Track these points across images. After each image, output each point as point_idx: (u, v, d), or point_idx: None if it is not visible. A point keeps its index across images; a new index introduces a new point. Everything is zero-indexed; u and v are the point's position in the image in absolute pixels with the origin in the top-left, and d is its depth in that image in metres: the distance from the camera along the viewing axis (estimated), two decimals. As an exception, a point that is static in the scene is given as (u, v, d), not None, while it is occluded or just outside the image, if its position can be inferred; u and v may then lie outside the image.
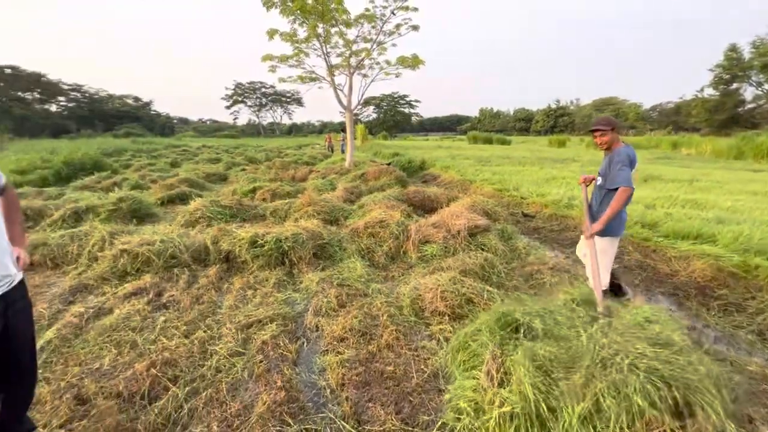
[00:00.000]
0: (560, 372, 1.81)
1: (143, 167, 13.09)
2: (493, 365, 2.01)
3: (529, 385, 1.78)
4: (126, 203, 6.18)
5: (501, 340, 2.19)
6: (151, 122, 62.60)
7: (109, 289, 3.60)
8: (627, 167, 2.74)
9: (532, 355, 1.92)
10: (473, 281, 3.33)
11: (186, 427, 2.00)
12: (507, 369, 1.96)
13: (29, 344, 1.56)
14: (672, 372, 1.66)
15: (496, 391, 1.87)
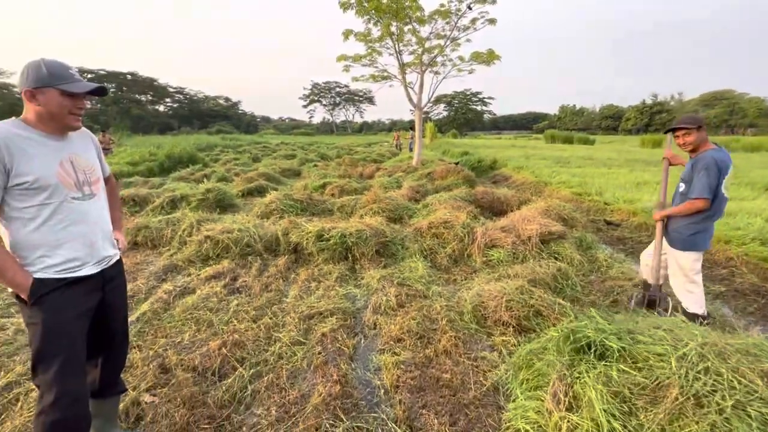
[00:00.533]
0: (640, 401, 1.57)
1: (229, 161, 14.41)
2: (561, 387, 1.82)
3: (602, 412, 1.57)
4: (212, 194, 6.84)
5: (570, 359, 1.97)
6: (238, 120, 68.90)
7: (194, 270, 3.99)
8: (710, 175, 2.47)
9: (606, 378, 1.69)
10: (543, 292, 3.07)
11: (248, 407, 2.12)
12: (576, 393, 1.76)
13: (123, 316, 1.76)
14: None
15: (563, 416, 1.68)
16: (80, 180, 1.49)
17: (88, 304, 1.52)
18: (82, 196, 1.49)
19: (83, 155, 1.54)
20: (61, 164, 1.43)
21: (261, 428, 1.95)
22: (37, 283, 1.39)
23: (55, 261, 1.42)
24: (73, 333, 1.45)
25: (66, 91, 1.39)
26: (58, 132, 1.46)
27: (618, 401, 1.58)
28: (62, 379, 1.39)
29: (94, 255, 1.53)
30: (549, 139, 32.58)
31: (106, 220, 1.62)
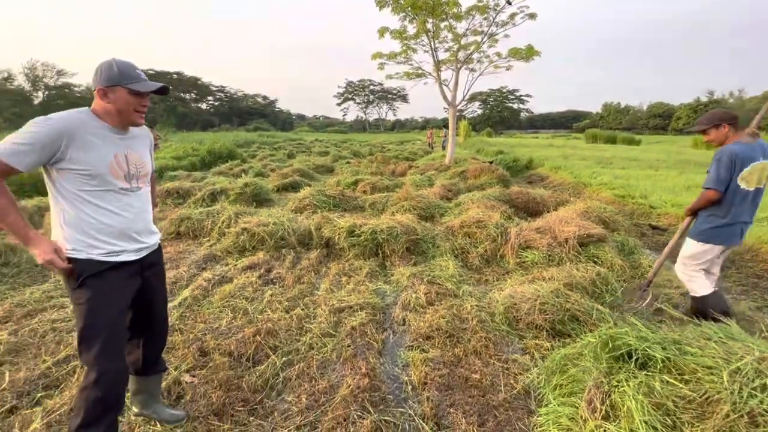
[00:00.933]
0: (686, 415, 1.48)
1: (265, 157, 14.89)
2: (597, 394, 1.74)
3: (642, 423, 1.49)
4: (249, 188, 7.09)
5: (608, 367, 1.88)
6: (275, 118, 70.97)
7: (231, 261, 4.17)
8: (720, 166, 2.54)
9: (648, 389, 1.60)
10: (580, 297, 2.95)
11: (280, 393, 2.20)
12: (614, 402, 1.68)
13: (162, 300, 1.86)
14: None
15: (599, 424, 1.61)
16: (131, 173, 1.59)
17: (128, 288, 1.62)
18: (129, 188, 1.59)
19: (138, 151, 1.65)
20: (116, 156, 1.53)
21: (291, 414, 2.01)
22: (83, 265, 1.49)
23: (99, 245, 1.51)
24: (114, 315, 1.56)
25: (133, 90, 1.49)
26: (122, 127, 1.57)
27: (660, 413, 1.50)
28: (103, 359, 1.50)
29: (135, 243, 1.62)
30: (590, 139, 31.15)
31: (148, 211, 1.72)
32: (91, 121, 1.49)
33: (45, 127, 1.37)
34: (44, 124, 1.37)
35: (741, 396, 1.43)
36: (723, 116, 2.61)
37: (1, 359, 2.38)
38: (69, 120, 1.42)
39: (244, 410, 2.03)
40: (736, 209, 2.58)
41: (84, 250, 1.50)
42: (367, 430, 1.88)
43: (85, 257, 1.49)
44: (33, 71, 45.13)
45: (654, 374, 1.65)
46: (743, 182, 2.52)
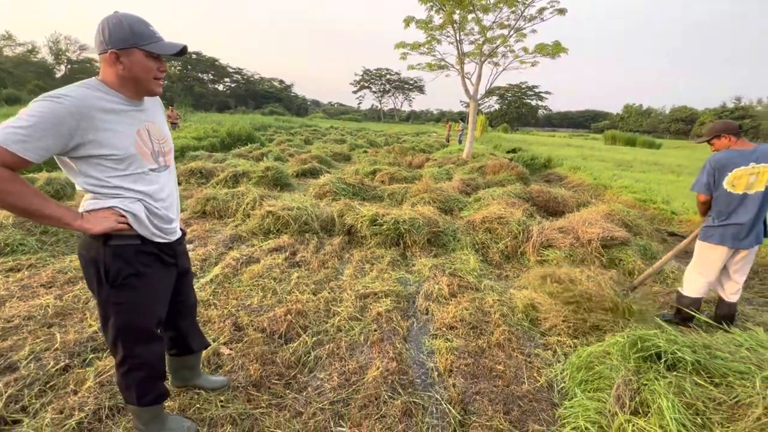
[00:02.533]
0: (716, 416, 1.53)
1: (283, 142, 14.97)
2: (626, 391, 1.80)
3: (673, 420, 1.55)
4: (271, 172, 7.19)
5: (636, 366, 1.94)
6: (290, 103, 70.96)
7: (257, 242, 4.28)
8: (703, 173, 2.77)
9: (678, 389, 1.65)
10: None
11: (312, 371, 2.30)
12: (643, 399, 1.74)
13: (190, 281, 1.83)
14: None
15: (628, 418, 1.67)
16: (156, 150, 1.43)
17: (168, 274, 1.56)
18: (157, 168, 1.43)
19: (158, 123, 1.46)
20: (139, 133, 1.35)
21: (324, 390, 2.12)
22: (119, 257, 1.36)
23: (133, 233, 1.38)
24: (159, 309, 1.53)
25: (152, 52, 1.27)
26: (138, 97, 1.36)
27: (691, 413, 1.55)
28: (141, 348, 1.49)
29: (169, 227, 1.51)
30: (609, 140, 30.61)
31: (176, 193, 1.60)
32: (104, 94, 1.27)
33: (55, 106, 1.14)
34: (53, 102, 1.14)
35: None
36: (723, 127, 2.75)
37: (51, 321, 2.52)
38: (81, 96, 1.20)
39: (280, 383, 2.14)
40: (728, 211, 2.69)
41: (117, 238, 1.36)
42: (398, 410, 1.97)
43: (120, 243, 1.36)
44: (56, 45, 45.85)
45: (684, 376, 1.70)
46: (729, 186, 2.65)
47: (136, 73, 1.28)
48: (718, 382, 1.64)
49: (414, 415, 1.97)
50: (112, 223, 1.31)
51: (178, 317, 1.77)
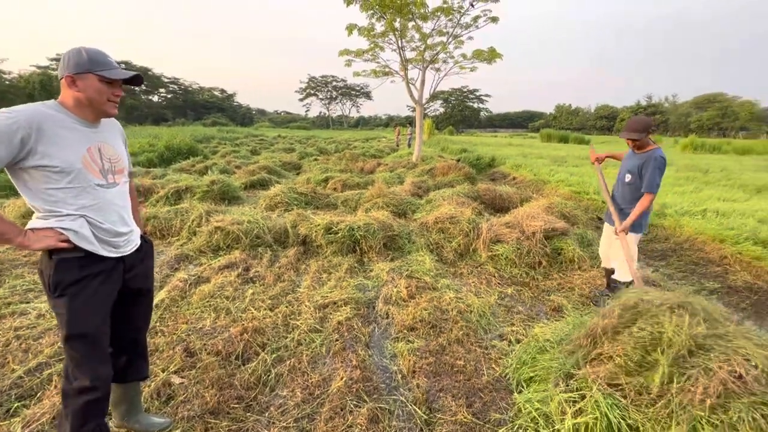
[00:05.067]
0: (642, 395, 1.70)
1: (228, 154, 14.37)
2: (561, 377, 1.95)
3: (602, 395, 1.71)
4: (217, 186, 6.87)
5: (574, 348, 2.10)
6: (234, 113, 68.36)
7: (206, 260, 4.06)
8: (661, 173, 2.86)
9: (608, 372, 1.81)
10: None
11: (273, 389, 2.22)
12: (580, 381, 1.89)
13: (146, 303, 1.80)
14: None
15: (568, 397, 1.81)
16: (105, 168, 1.50)
17: (109, 291, 1.54)
18: (105, 184, 1.50)
19: (112, 144, 1.56)
20: (89, 150, 1.44)
21: (288, 408, 2.05)
22: (62, 269, 1.42)
23: (79, 244, 1.43)
24: (97, 319, 1.49)
25: (105, 77, 1.42)
26: (93, 118, 1.48)
27: (619, 391, 1.71)
28: (87, 366, 1.46)
29: (118, 240, 1.54)
30: (545, 138, 32.81)
31: (127, 209, 1.63)
32: (59, 113, 1.39)
33: (8, 119, 1.25)
34: (7, 116, 1.26)
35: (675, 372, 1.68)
36: (650, 123, 2.94)
37: (-37, 371, 2.20)
38: (35, 112, 1.32)
39: (240, 407, 2.04)
40: (654, 203, 3.02)
41: (61, 252, 1.42)
42: (364, 417, 1.96)
43: (64, 256, 1.42)
44: None
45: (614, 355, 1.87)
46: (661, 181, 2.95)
47: (90, 94, 1.42)
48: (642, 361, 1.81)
49: (380, 421, 1.97)
50: (52, 241, 1.39)
51: (124, 340, 1.72)
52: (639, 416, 1.65)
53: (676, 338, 1.71)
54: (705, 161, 14.90)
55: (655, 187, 2.87)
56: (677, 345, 1.69)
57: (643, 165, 2.90)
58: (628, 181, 3.05)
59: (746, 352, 1.65)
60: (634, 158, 3.02)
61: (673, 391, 1.62)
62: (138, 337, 1.82)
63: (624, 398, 1.72)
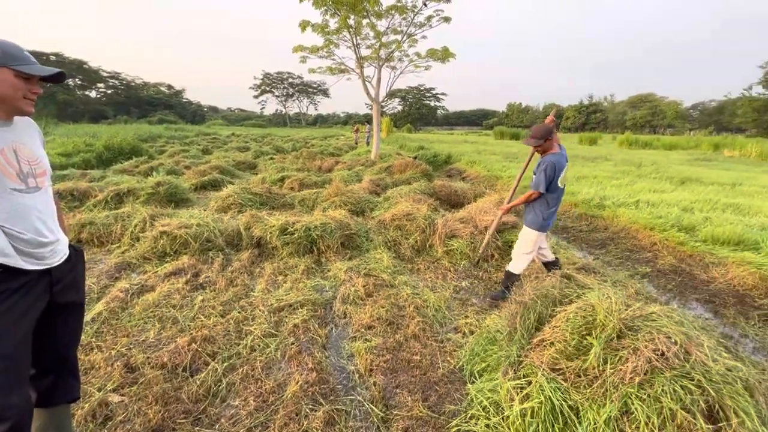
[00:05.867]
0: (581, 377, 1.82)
1: (177, 153, 13.58)
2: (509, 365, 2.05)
3: (546, 380, 1.81)
4: (163, 188, 6.47)
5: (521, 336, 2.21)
6: (183, 110, 64.65)
7: (151, 268, 3.81)
8: (546, 175, 3.04)
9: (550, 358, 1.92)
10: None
11: (225, 399, 2.13)
12: (527, 367, 1.99)
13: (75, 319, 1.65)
14: (704, 376, 1.64)
15: (515, 384, 1.90)
16: (24, 171, 1.37)
17: (31, 307, 1.40)
18: (26, 189, 1.37)
19: (29, 145, 1.43)
20: (3, 152, 1.32)
21: (240, 418, 1.98)
22: None
23: None
24: (17, 339, 1.35)
25: (22, 72, 1.30)
26: (5, 116, 1.36)
27: (560, 375, 1.82)
28: (2, 394, 1.30)
29: (41, 251, 1.41)
30: (498, 136, 34.15)
31: (51, 216, 1.50)
32: None
33: None
34: None
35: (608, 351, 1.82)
36: (550, 130, 3.09)
37: None
38: None
39: (188, 421, 1.94)
40: (555, 203, 3.21)
41: None
42: (320, 421, 1.94)
43: None
44: None
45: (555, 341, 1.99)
46: (560, 183, 3.15)
47: (4, 90, 1.30)
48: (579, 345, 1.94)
49: (337, 423, 1.96)
50: None
51: (50, 360, 1.56)
52: (578, 397, 1.76)
53: (608, 322, 1.84)
54: (639, 156, 16.25)
55: (539, 186, 3.07)
56: (609, 328, 1.82)
57: (538, 167, 3.14)
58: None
59: (668, 331, 1.81)
60: (537, 162, 3.23)
61: (607, 371, 1.75)
62: (67, 355, 1.66)
63: (565, 381, 1.84)
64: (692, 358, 1.70)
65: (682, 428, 1.56)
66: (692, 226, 5.00)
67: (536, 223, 3.21)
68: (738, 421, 1.53)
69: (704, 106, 60.92)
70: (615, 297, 2.00)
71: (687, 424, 1.55)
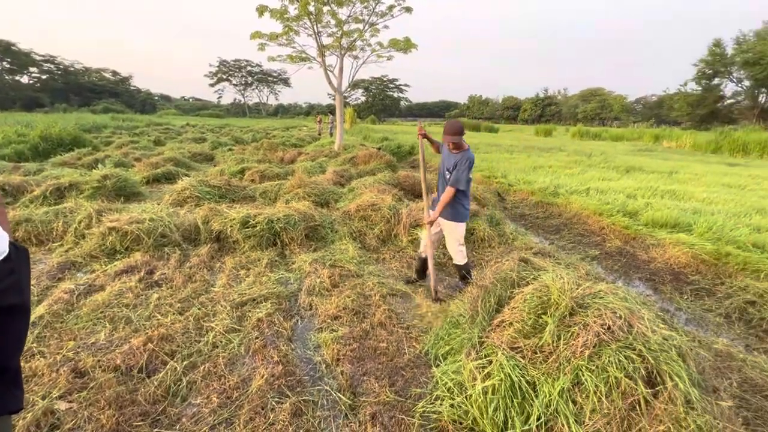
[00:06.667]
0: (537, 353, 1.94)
1: (125, 145, 12.71)
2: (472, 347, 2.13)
3: (505, 358, 1.90)
4: (111, 181, 6.04)
5: (482, 318, 2.30)
6: (131, 98, 60.36)
7: (99, 266, 3.56)
8: (469, 171, 3.09)
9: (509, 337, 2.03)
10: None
11: (185, 398, 2.05)
12: (488, 348, 2.08)
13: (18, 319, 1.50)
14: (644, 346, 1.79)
15: (477, 364, 1.99)
16: None
17: None
18: None
19: None
20: None
21: (202, 416, 1.92)
22: None
23: None
24: None
25: None
26: None
27: (518, 353, 1.93)
28: None
29: None
30: (460, 127, 34.83)
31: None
32: None
33: None
34: None
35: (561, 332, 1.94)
36: (462, 126, 3.06)
37: None
38: None
39: (145, 424, 1.85)
40: (470, 196, 3.31)
41: None
42: (286, 413, 1.92)
43: None
44: None
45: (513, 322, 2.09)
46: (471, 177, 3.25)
47: None
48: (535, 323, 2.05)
49: (304, 413, 1.95)
50: None
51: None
52: (535, 372, 1.87)
53: (561, 301, 1.96)
54: (589, 147, 17.24)
55: (462, 184, 3.07)
56: (562, 307, 1.94)
57: (458, 163, 3.08)
58: (448, 178, 3.15)
59: (614, 307, 1.96)
60: (452, 157, 3.15)
61: (560, 347, 1.87)
62: (9, 363, 1.51)
63: (523, 358, 1.94)
64: (635, 330, 1.86)
65: (625, 394, 1.70)
66: (635, 211, 5.39)
67: (463, 216, 3.22)
68: (672, 384, 1.69)
69: (646, 100, 65.51)
70: (567, 278, 2.12)
71: (630, 389, 1.69)
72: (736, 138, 16.94)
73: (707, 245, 4.10)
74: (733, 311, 3.19)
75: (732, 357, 2.54)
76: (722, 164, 12.35)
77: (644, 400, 1.66)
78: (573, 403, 1.76)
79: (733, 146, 16.68)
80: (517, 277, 2.41)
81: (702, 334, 2.86)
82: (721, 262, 3.90)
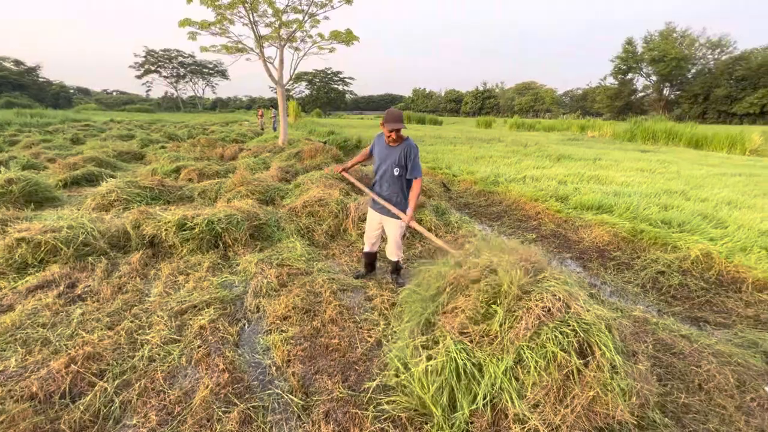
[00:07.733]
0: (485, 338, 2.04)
1: (36, 144, 11.24)
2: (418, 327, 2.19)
3: (453, 342, 1.98)
4: (17, 185, 5.31)
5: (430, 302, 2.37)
6: (40, 91, 53.40)
7: (6, 283, 3.13)
8: (418, 158, 3.01)
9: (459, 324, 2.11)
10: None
11: (119, 420, 1.88)
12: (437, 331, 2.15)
13: None
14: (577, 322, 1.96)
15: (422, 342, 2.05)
16: None
17: None
18: None
19: None
20: None
21: (140, 437, 1.77)
22: None
23: None
24: None
25: None
26: None
27: (465, 337, 2.01)
28: None
29: None
30: (406, 120, 35.38)
31: None
32: None
33: None
34: None
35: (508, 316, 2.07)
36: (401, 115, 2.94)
37: None
38: None
39: (71, 454, 1.67)
40: None
41: None
42: (234, 422, 1.84)
43: None
44: None
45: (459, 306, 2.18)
46: None
47: None
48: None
49: (254, 420, 1.88)
50: None
51: None
52: (481, 354, 1.96)
53: (511, 290, 2.06)
54: (525, 137, 18.36)
55: (421, 171, 3.02)
56: (510, 295, 2.04)
57: (407, 156, 2.97)
58: (398, 174, 3.01)
59: (554, 290, 2.11)
60: (394, 151, 2.99)
61: (505, 330, 1.98)
62: None
63: (470, 342, 2.03)
64: (571, 310, 2.01)
65: (561, 366, 1.84)
66: (566, 196, 5.85)
67: (404, 207, 3.08)
68: (600, 354, 1.87)
69: (573, 93, 71.12)
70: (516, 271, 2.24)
71: (564, 362, 1.84)
72: (646, 127, 18.94)
73: (626, 224, 4.56)
74: (648, 281, 3.60)
75: (647, 322, 2.86)
76: (636, 151, 13.77)
77: (577, 370, 1.81)
78: (516, 380, 1.87)
79: (645, 135, 18.65)
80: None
81: (623, 304, 3.18)
82: (637, 238, 4.36)
